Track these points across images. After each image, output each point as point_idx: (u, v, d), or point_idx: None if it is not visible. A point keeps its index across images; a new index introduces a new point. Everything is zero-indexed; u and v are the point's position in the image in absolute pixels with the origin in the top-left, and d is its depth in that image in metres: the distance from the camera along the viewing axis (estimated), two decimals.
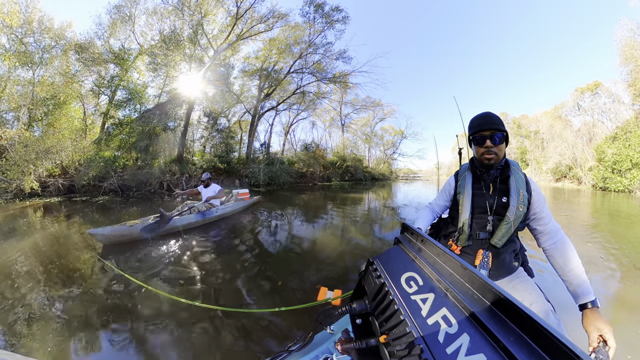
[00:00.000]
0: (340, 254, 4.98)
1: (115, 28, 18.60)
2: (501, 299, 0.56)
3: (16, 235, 6.79)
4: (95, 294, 3.44)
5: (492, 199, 1.38)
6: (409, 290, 0.77)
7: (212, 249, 5.18)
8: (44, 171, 14.59)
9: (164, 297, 3.36)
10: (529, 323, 0.50)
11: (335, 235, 6.46)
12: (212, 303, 3.16)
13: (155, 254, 4.83)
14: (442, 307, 0.66)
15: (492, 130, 1.33)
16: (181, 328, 2.75)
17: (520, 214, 1.33)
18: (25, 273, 4.32)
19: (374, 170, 35.77)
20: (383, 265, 0.95)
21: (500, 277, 1.40)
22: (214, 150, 24.55)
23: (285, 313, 2.79)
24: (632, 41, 22.02)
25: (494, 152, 1.35)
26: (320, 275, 4.02)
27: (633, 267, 4.08)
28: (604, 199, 14.79)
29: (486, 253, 1.36)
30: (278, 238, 6.22)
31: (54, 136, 15.13)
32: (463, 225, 1.41)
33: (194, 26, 19.29)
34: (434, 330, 0.62)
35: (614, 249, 5.10)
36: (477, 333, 0.56)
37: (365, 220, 8.32)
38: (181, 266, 4.29)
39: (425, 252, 0.88)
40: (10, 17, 14.88)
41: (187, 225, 6.17)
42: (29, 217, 9.17)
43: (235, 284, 3.70)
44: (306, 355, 1.05)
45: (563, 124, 32.09)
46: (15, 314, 3.11)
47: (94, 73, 18.37)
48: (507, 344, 0.50)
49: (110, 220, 8.03)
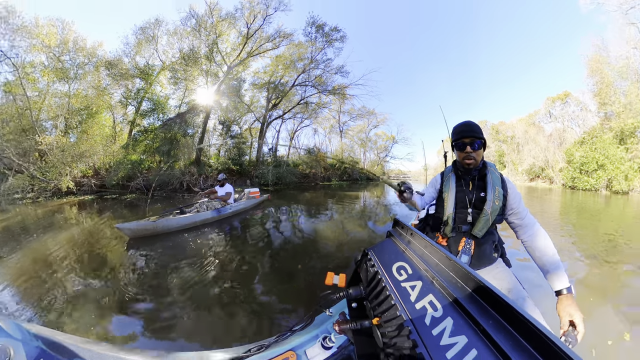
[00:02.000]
0: (341, 244, 4.87)
1: (141, 47, 18.41)
2: (481, 286, 0.56)
3: (54, 228, 6.73)
4: (119, 279, 3.43)
5: (472, 194, 1.39)
6: (399, 278, 0.76)
7: (227, 241, 5.08)
8: (79, 172, 14.55)
9: (182, 280, 3.32)
10: (506, 308, 0.49)
11: (336, 228, 6.35)
12: (229, 285, 3.13)
13: (175, 245, 4.76)
14: (429, 294, 0.65)
15: (472, 138, 1.35)
16: (198, 306, 2.71)
17: (497, 208, 1.34)
18: (62, 260, 4.29)
19: (368, 171, 35.47)
20: (377, 256, 0.94)
21: (482, 267, 1.39)
22: (228, 153, 24.23)
23: (292, 295, 2.78)
24: (598, 56, 21.91)
25: (473, 157, 1.37)
26: (324, 261, 3.97)
27: (594, 257, 4.06)
28: (573, 197, 14.61)
29: (468, 241, 1.37)
30: (285, 231, 6.10)
31: (87, 142, 15.08)
32: (448, 219, 1.42)
33: (209, 45, 19.09)
34: (421, 314, 0.61)
35: (578, 240, 5.07)
36: (460, 317, 0.55)
37: (362, 216, 8.18)
38: (199, 256, 4.19)
39: (414, 244, 0.87)
40: (49, 38, 14.87)
41: (204, 221, 6.05)
42: (65, 213, 9.11)
43: (247, 270, 3.65)
44: (307, 334, 1.04)
45: (536, 130, 31.89)
46: (53, 294, 3.09)
47: (122, 86, 18.15)
48: (487, 327, 0.50)
49: (137, 215, 7.92)
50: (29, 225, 7.24)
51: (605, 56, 21.54)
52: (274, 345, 0.98)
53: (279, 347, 0.99)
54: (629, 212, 9.15)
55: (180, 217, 5.58)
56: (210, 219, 6.20)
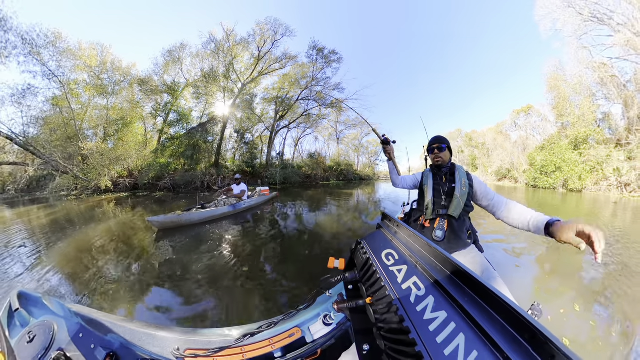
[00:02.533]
0: (338, 234, 4.81)
1: (168, 67, 18.37)
2: (457, 269, 0.56)
3: (95, 221, 6.64)
4: (149, 263, 3.42)
5: (445, 185, 1.52)
6: (387, 263, 0.76)
7: (241, 232, 5.04)
8: (115, 173, 14.50)
9: (203, 265, 3.27)
10: (479, 287, 0.50)
11: (334, 220, 6.25)
12: (242, 269, 3.09)
13: (197, 235, 4.70)
14: (413, 276, 0.65)
15: (438, 144, 1.57)
16: (217, 287, 2.68)
17: (464, 193, 1.43)
18: (101, 247, 4.24)
19: (361, 172, 35.05)
20: (368, 245, 0.94)
21: (457, 250, 1.41)
22: (242, 157, 24.25)
23: (297, 278, 2.78)
24: (556, 75, 22.03)
25: (441, 157, 1.56)
26: (324, 249, 3.92)
27: (553, 247, 3.99)
28: (535, 194, 14.60)
29: (442, 220, 1.46)
30: (291, 223, 6.02)
31: (123, 147, 15.03)
32: (428, 204, 1.53)
33: (227, 65, 19.07)
34: (407, 294, 0.61)
35: None
36: (440, 295, 0.55)
37: (355, 210, 7.95)
38: (217, 244, 4.17)
39: (400, 234, 0.86)
40: (90, 60, 14.81)
41: (222, 215, 6.00)
42: (104, 208, 9.02)
43: (258, 257, 3.61)
44: (310, 313, 1.04)
45: (504, 137, 32.00)
46: (93, 277, 3.05)
47: (152, 100, 18.15)
48: (463, 304, 0.50)
49: (164, 210, 7.81)
50: (73, 218, 7.14)
51: (562, 75, 21.69)
52: (281, 322, 0.97)
53: (286, 324, 0.98)
54: (582, 206, 9.12)
55: (202, 212, 5.53)
56: (227, 213, 6.15)
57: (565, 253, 3.51)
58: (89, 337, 0.81)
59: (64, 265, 3.51)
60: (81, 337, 0.81)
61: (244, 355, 0.85)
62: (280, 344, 0.90)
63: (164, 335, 0.90)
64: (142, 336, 0.87)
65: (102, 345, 0.78)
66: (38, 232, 5.54)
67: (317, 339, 0.92)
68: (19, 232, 5.58)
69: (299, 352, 0.88)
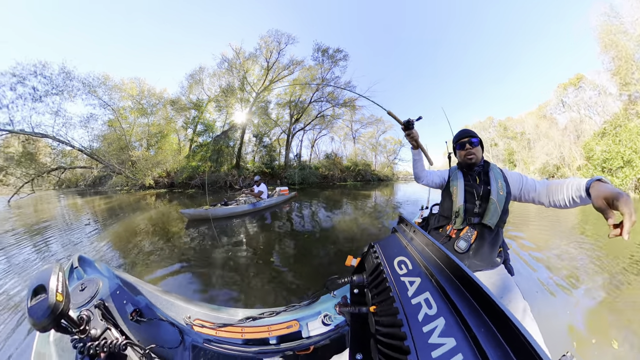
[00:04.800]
0: (352, 235, 4.66)
1: (192, 88, 21.48)
2: (479, 291, 0.45)
3: (139, 209, 8.06)
4: (179, 246, 3.88)
5: (479, 187, 1.28)
6: (399, 272, 0.65)
7: (258, 227, 5.25)
8: (156, 174, 17.63)
9: (223, 252, 3.56)
10: (501, 318, 0.40)
11: (348, 221, 6.00)
12: (257, 260, 3.25)
13: (220, 227, 5.08)
14: (426, 291, 0.54)
15: (468, 137, 1.33)
16: (234, 271, 2.89)
17: (502, 197, 1.21)
18: (143, 230, 5.09)
19: (379, 173, 32.62)
20: (381, 249, 0.83)
21: (482, 268, 1.21)
22: (261, 159, 25.26)
23: (305, 273, 2.78)
24: (609, 25, 15.37)
25: (473, 153, 1.31)
26: (336, 248, 3.79)
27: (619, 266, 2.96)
28: None
29: (471, 229, 1.24)
30: (306, 222, 6.00)
31: (162, 154, 18.25)
32: (459, 210, 1.28)
33: (240, 79, 21.25)
34: (416, 310, 0.51)
35: (607, 256, 3.34)
36: (452, 319, 0.46)
37: (372, 212, 7.53)
38: (237, 237, 4.47)
39: (416, 241, 0.75)
40: (131, 90, 18.59)
41: (242, 212, 6.29)
42: (147, 200, 10.80)
43: (272, 250, 3.73)
44: (312, 309, 1.04)
45: (548, 123, 24.44)
46: (134, 250, 3.68)
47: (182, 116, 21.42)
48: (477, 334, 0.40)
49: (194, 204, 8.51)
50: (124, 207, 8.77)
51: (618, 24, 15.04)
52: (283, 313, 1.00)
53: (287, 315, 1.01)
54: None
55: (225, 208, 5.93)
56: (247, 210, 6.40)
57: (627, 276, 2.62)
58: (123, 294, 0.98)
59: (114, 239, 4.39)
60: (117, 293, 0.99)
61: (243, 335, 0.91)
62: (277, 333, 0.93)
63: (180, 303, 1.02)
64: (163, 301, 1.00)
65: (131, 302, 0.94)
66: (98, 215, 7.20)
67: (312, 335, 0.92)
68: (85, 214, 7.49)
69: (293, 344, 0.91)
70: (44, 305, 0.56)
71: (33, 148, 15.52)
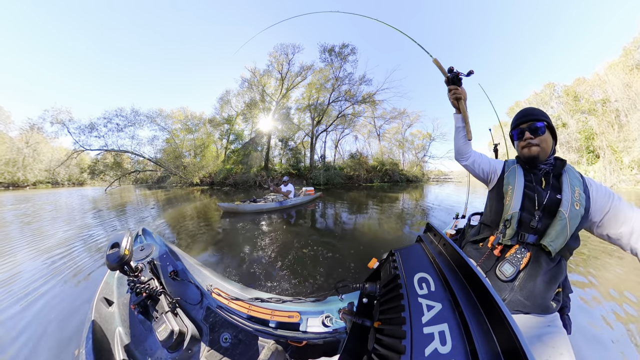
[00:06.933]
0: (374, 239, 4.45)
1: (223, 108, 25.96)
2: (515, 344, 0.32)
3: (188, 201, 10.01)
4: (215, 233, 4.44)
5: (544, 193, 0.86)
6: (418, 292, 0.52)
7: (283, 224, 5.42)
8: (201, 175, 22.34)
9: (251, 242, 3.87)
10: None
11: (372, 225, 5.72)
12: (278, 252, 3.41)
13: (250, 221, 5.50)
14: (444, 322, 0.42)
15: (531, 121, 0.90)
16: (257, 259, 3.15)
17: (577, 214, 0.80)
18: (188, 216, 6.02)
19: (408, 172, 29.87)
20: (402, 259, 0.67)
21: (529, 311, 0.81)
22: (288, 161, 27.00)
23: (320, 271, 2.78)
24: None
25: (535, 144, 0.89)
26: (356, 251, 3.60)
27: None
28: None
29: (523, 250, 0.83)
30: (329, 222, 5.98)
31: (205, 160, 23.06)
32: (511, 218, 0.87)
33: (260, 93, 24.79)
34: (425, 341, 0.40)
35: None
36: None
37: (398, 216, 6.84)
38: (263, 230, 4.75)
39: (444, 257, 0.59)
40: (179, 116, 24.51)
41: (269, 209, 6.68)
42: (194, 194, 13.26)
43: (293, 246, 3.77)
44: (315, 307, 1.07)
45: None
46: (180, 230, 4.51)
47: (218, 130, 26.10)
48: None
49: (229, 200, 9.57)
50: (178, 198, 11.04)
51: None
52: (288, 303, 1.08)
53: (291, 305, 1.08)
54: None
55: (254, 204, 6.41)
56: (274, 208, 6.73)
57: None
58: (167, 258, 1.26)
59: (168, 219, 5.45)
60: (164, 257, 1.27)
61: (249, 311, 1.03)
62: (278, 318, 1.02)
63: (206, 273, 1.28)
64: (194, 268, 1.27)
65: (172, 265, 1.21)
66: (160, 202, 9.41)
67: (309, 332, 0.98)
68: (151, 201, 10.31)
69: (288, 333, 0.98)
70: (116, 255, 0.84)
71: (119, 159, 22.85)
